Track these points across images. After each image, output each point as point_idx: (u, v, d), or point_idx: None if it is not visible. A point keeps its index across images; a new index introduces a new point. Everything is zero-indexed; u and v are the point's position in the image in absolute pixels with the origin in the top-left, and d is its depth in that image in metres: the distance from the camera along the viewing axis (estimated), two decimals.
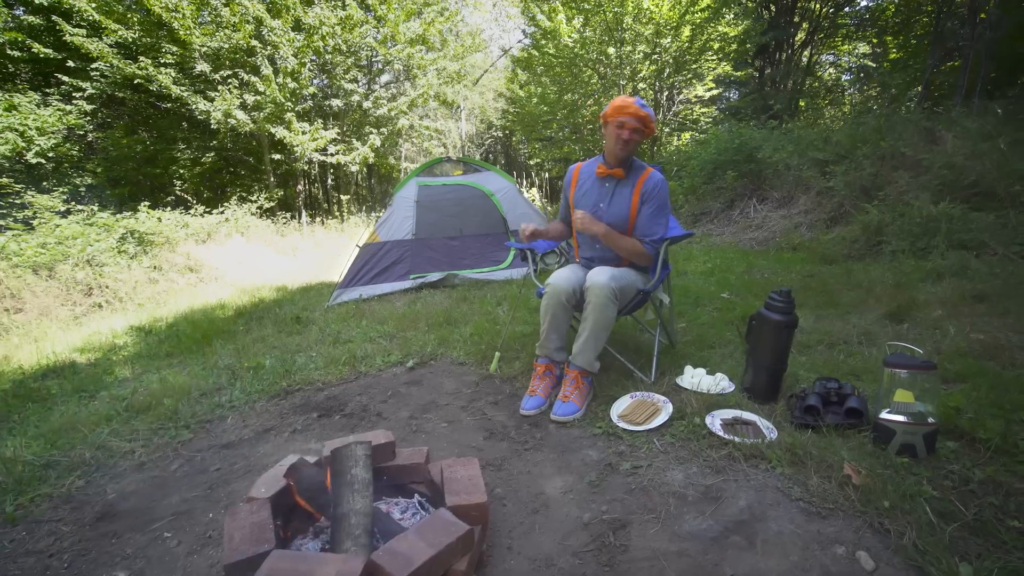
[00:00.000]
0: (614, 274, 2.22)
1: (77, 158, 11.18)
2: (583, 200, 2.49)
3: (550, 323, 2.36)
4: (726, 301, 3.75)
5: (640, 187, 2.39)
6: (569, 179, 2.60)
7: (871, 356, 2.57)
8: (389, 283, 5.22)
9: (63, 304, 5.92)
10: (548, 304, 2.34)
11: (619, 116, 2.29)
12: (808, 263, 4.71)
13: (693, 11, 11.59)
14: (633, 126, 2.27)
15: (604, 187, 2.46)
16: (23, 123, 10.14)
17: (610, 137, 2.34)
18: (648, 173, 2.43)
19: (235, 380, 3.10)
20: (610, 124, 2.33)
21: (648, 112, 2.31)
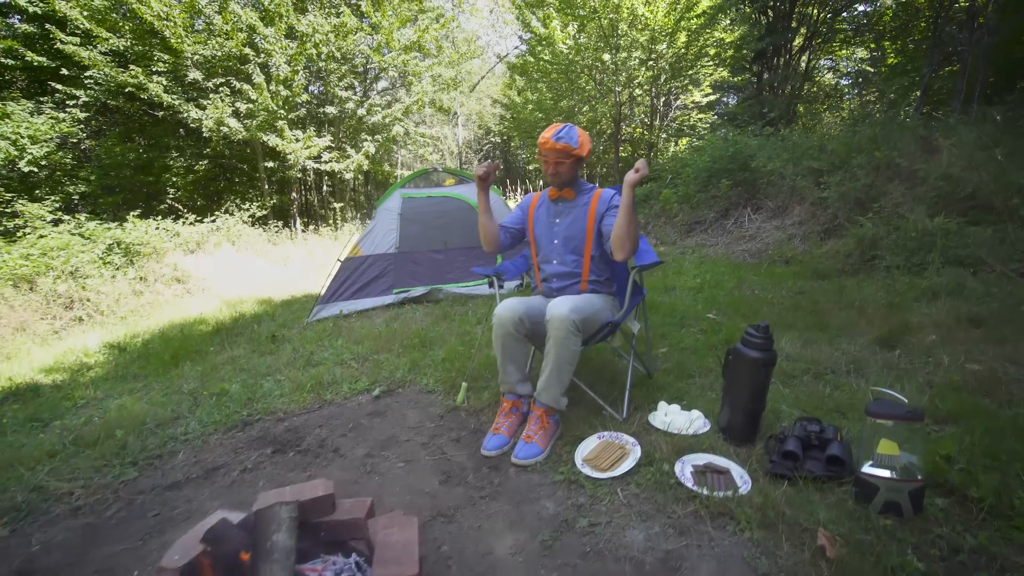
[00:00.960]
0: (575, 304, 2.06)
1: (70, 166, 11.08)
2: (540, 219, 2.49)
3: (503, 355, 2.22)
4: (712, 322, 3.58)
5: (595, 205, 2.34)
6: (527, 202, 2.60)
7: (859, 389, 2.40)
8: (371, 298, 5.07)
9: (42, 318, 5.78)
10: (496, 336, 2.21)
11: (543, 152, 2.32)
12: (800, 278, 4.54)
13: (688, 17, 11.42)
14: (554, 159, 2.29)
15: (557, 207, 2.45)
16: (15, 131, 10.06)
17: (544, 169, 2.37)
18: (599, 192, 2.39)
19: (196, 408, 2.95)
20: (542, 156, 2.36)
21: (567, 142, 2.26)
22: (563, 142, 2.24)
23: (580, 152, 2.29)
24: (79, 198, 11.24)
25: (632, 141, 16.17)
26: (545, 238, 2.44)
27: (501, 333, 2.18)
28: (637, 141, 15.93)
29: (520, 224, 2.55)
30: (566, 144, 2.24)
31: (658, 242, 7.82)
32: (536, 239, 2.49)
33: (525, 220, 2.54)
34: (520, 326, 2.18)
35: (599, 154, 16.64)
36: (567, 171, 2.31)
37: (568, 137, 2.26)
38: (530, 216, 2.53)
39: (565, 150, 2.25)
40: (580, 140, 2.29)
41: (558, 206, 2.43)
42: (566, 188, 2.37)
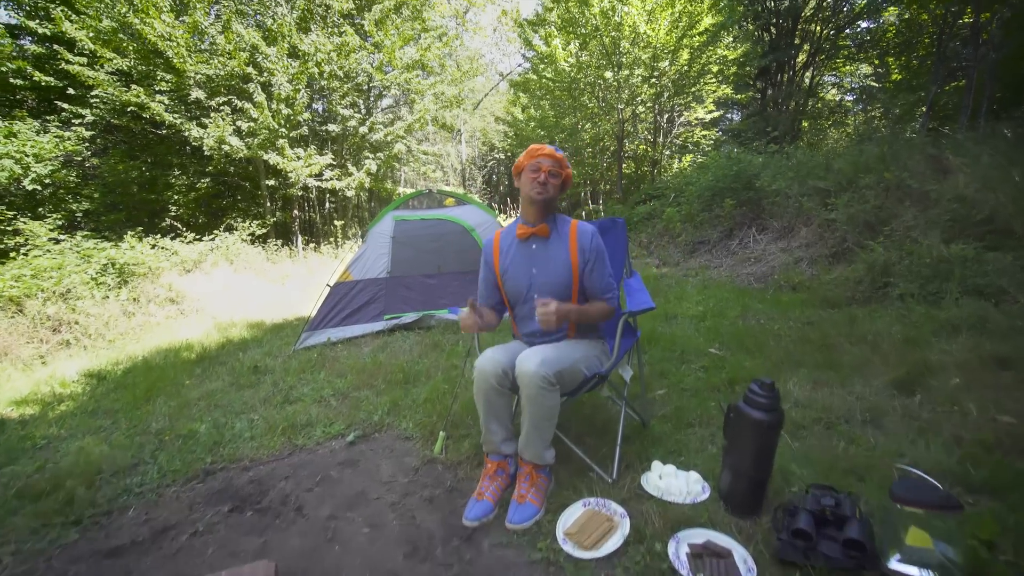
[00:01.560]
0: (546, 357, 1.81)
1: (75, 184, 11.03)
2: (512, 270, 2.11)
3: (487, 412, 1.97)
4: (714, 358, 3.33)
5: (576, 242, 2.05)
6: (490, 252, 2.18)
7: (878, 444, 2.14)
8: (361, 324, 4.85)
9: (28, 342, 5.61)
10: (478, 391, 1.96)
11: (535, 158, 2.04)
12: (808, 307, 4.27)
13: (691, 35, 11.28)
14: (549, 167, 2.01)
15: (531, 249, 2.09)
16: (20, 150, 10.03)
17: (526, 184, 2.04)
18: (576, 226, 2.09)
19: (159, 452, 2.73)
20: (525, 170, 2.05)
21: (563, 155, 2.07)
22: (561, 153, 2.06)
23: (568, 174, 2.09)
24: (83, 215, 11.19)
25: (635, 158, 16.00)
26: (522, 292, 2.09)
27: (483, 388, 1.93)
28: (640, 158, 15.76)
29: (494, 284, 2.19)
30: (564, 157, 2.06)
31: (661, 263, 7.57)
32: (510, 292, 2.13)
33: (493, 272, 2.17)
34: (504, 379, 1.93)
35: (602, 171, 16.48)
36: (555, 191, 2.05)
37: (562, 152, 2.08)
38: (496, 262, 2.15)
39: (562, 162, 2.05)
40: (569, 165, 2.09)
41: (532, 248, 2.08)
42: (541, 224, 2.05)
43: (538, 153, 2.03)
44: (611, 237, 2.38)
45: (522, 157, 2.06)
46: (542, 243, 2.07)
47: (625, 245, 2.41)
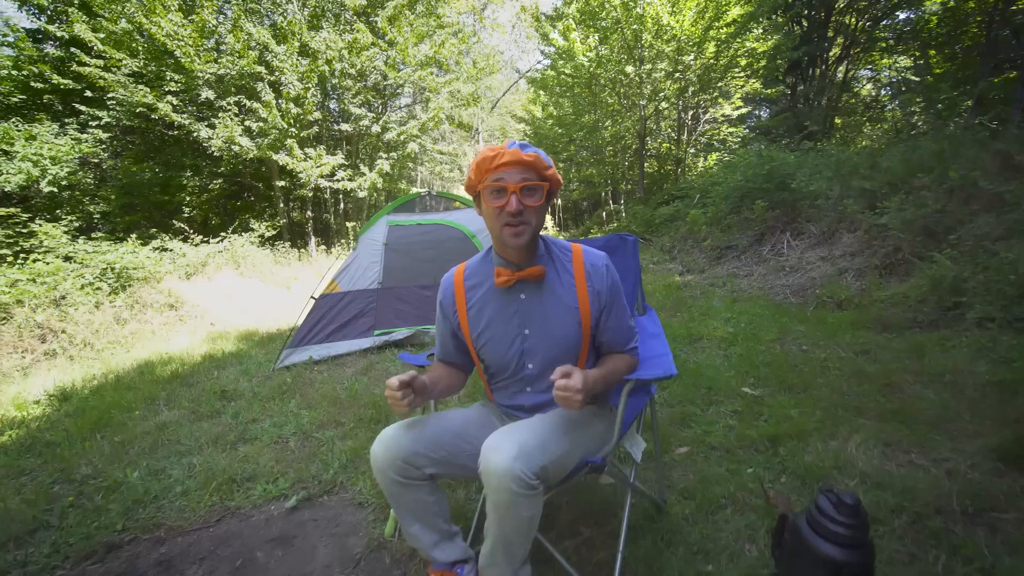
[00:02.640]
0: (525, 445, 1.16)
1: (91, 186, 10.85)
2: (490, 333, 1.42)
3: (402, 512, 1.36)
4: (749, 400, 2.66)
5: (585, 283, 1.38)
6: (449, 298, 1.47)
7: (997, 562, 1.47)
8: (348, 341, 4.32)
9: (13, 351, 5.26)
10: (381, 484, 1.33)
11: (491, 172, 1.27)
12: (860, 330, 3.55)
13: (717, 27, 10.46)
14: (519, 182, 1.25)
15: (519, 301, 1.40)
16: (37, 153, 9.87)
17: (490, 218, 1.31)
18: (583, 258, 1.41)
19: (69, 512, 2.22)
20: (484, 193, 1.31)
21: (536, 152, 1.29)
22: (532, 151, 1.29)
23: (554, 177, 1.32)
24: (100, 217, 11.02)
25: (658, 156, 15.21)
26: (510, 363, 1.43)
27: (382, 481, 1.32)
28: (663, 156, 14.97)
29: (458, 341, 1.52)
30: (537, 156, 1.28)
31: (684, 269, 6.86)
32: (490, 363, 1.46)
33: (458, 329, 1.49)
34: (408, 470, 1.30)
35: (623, 170, 15.70)
36: (536, 215, 1.30)
37: (534, 149, 1.31)
38: (462, 320, 1.45)
39: (535, 165, 1.27)
40: (550, 161, 1.36)
41: (521, 299, 1.39)
42: (532, 260, 1.38)
43: (497, 163, 1.26)
44: (617, 261, 1.74)
45: (472, 172, 1.32)
46: (535, 290, 1.39)
47: (636, 272, 1.77)
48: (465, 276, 1.47)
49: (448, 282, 1.49)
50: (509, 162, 1.26)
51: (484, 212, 1.34)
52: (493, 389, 1.54)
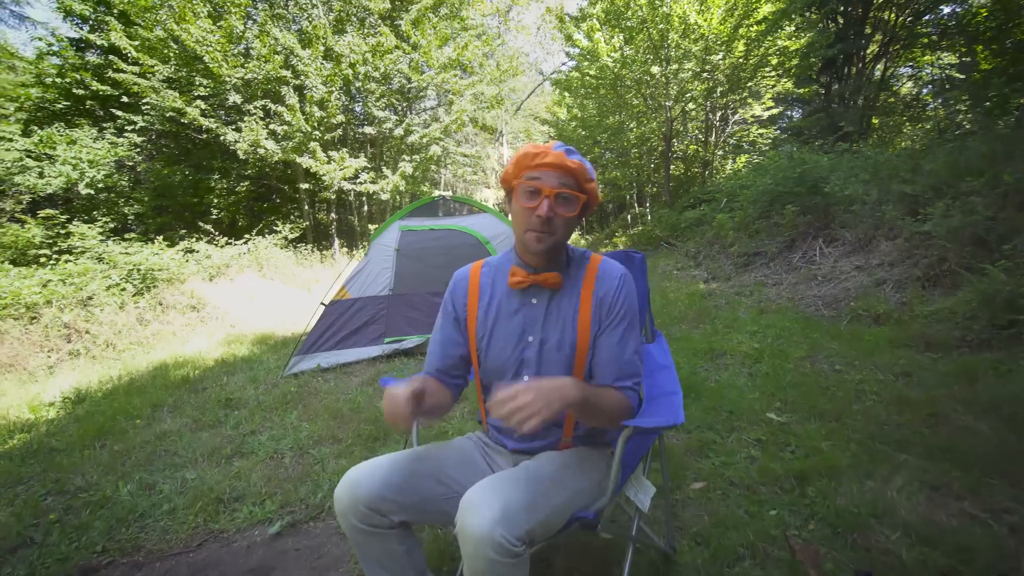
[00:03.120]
0: (510, 503, 0.99)
1: (126, 188, 11.13)
2: (495, 336, 1.27)
3: (368, 563, 1.19)
4: (775, 427, 2.41)
5: (590, 294, 1.24)
6: (462, 291, 1.32)
7: None
8: (357, 348, 4.21)
9: (40, 350, 5.34)
10: (344, 530, 1.17)
11: (530, 169, 1.16)
12: (900, 348, 3.23)
13: (747, 24, 10.04)
14: (556, 187, 1.13)
15: (529, 305, 1.26)
16: (76, 156, 10.17)
17: (518, 217, 1.19)
18: (597, 267, 1.27)
19: (55, 528, 2.13)
20: (517, 190, 1.19)
21: (582, 161, 1.17)
22: (577, 158, 1.17)
23: (593, 191, 1.20)
24: (134, 218, 11.30)
25: (685, 159, 14.79)
26: (507, 371, 1.26)
27: (344, 525, 1.15)
28: (690, 159, 14.54)
29: (460, 347, 1.33)
30: (581, 165, 1.15)
31: (710, 276, 6.55)
32: (488, 370, 1.30)
33: (464, 333, 1.33)
34: (373, 517, 1.13)
35: (649, 173, 15.33)
36: (565, 226, 1.18)
37: (579, 157, 1.19)
38: (470, 320, 1.30)
39: (577, 174, 1.15)
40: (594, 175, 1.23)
41: (533, 304, 1.26)
42: (551, 266, 1.25)
43: (537, 162, 1.15)
44: None
45: (511, 166, 1.20)
46: (547, 298, 1.25)
47: (644, 293, 1.55)
48: (483, 272, 1.34)
49: (463, 276, 1.36)
50: (550, 164, 1.15)
51: (513, 209, 1.23)
52: (488, 407, 1.36)
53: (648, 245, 10.31)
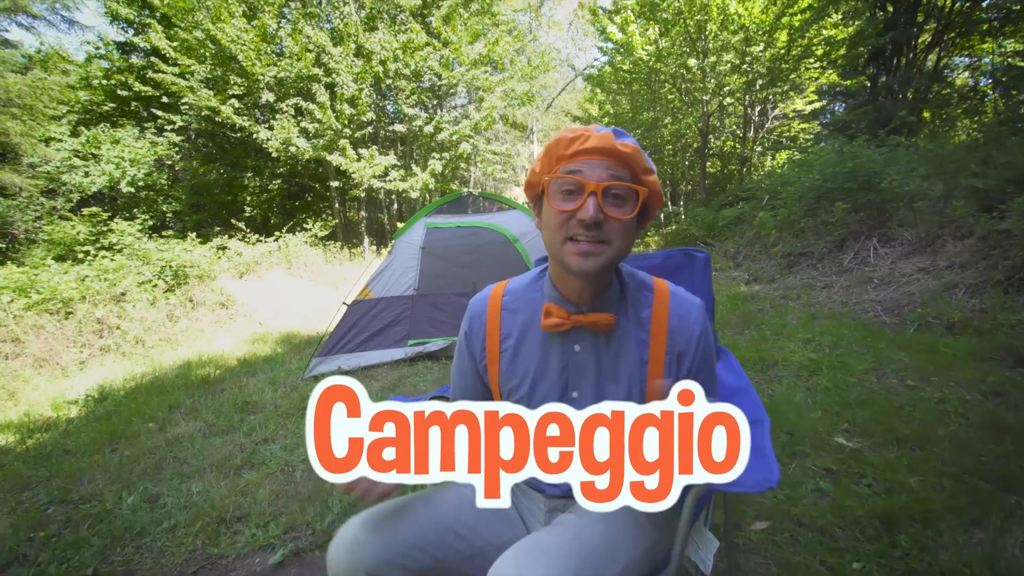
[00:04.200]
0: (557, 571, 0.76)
1: (165, 186, 11.34)
2: (526, 387, 0.97)
3: None
4: (845, 456, 2.06)
5: (662, 347, 0.92)
6: (479, 331, 1.02)
7: None
8: (379, 351, 4.01)
9: (73, 345, 5.35)
10: None
11: (567, 162, 0.85)
12: (984, 362, 2.81)
13: (791, 13, 9.46)
14: (602, 180, 0.82)
15: (570, 353, 0.95)
16: (119, 156, 10.40)
17: (552, 223, 0.86)
18: (667, 304, 0.94)
19: (49, 544, 1.98)
20: (549, 189, 0.87)
21: (636, 145, 0.85)
22: (630, 143, 0.85)
23: (655, 186, 0.88)
24: (172, 216, 11.51)
25: (721, 155, 14.20)
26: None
27: None
28: (727, 155, 13.94)
29: (485, 395, 1.06)
30: (636, 150, 0.85)
31: (751, 278, 6.12)
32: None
33: (484, 374, 1.04)
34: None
35: (684, 170, 14.78)
36: (622, 234, 0.86)
37: (630, 139, 0.87)
38: (493, 367, 1.01)
39: (632, 162, 0.85)
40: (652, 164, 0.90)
41: (574, 352, 0.95)
42: (599, 303, 0.93)
43: (576, 148, 0.84)
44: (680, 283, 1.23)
45: (539, 160, 0.91)
46: (596, 342, 0.94)
47: (708, 299, 1.25)
48: (504, 303, 1.01)
49: (479, 309, 1.03)
50: (594, 149, 0.83)
51: (545, 216, 0.90)
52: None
53: (683, 244, 9.85)
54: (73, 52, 13.42)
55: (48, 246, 9.53)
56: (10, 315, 5.16)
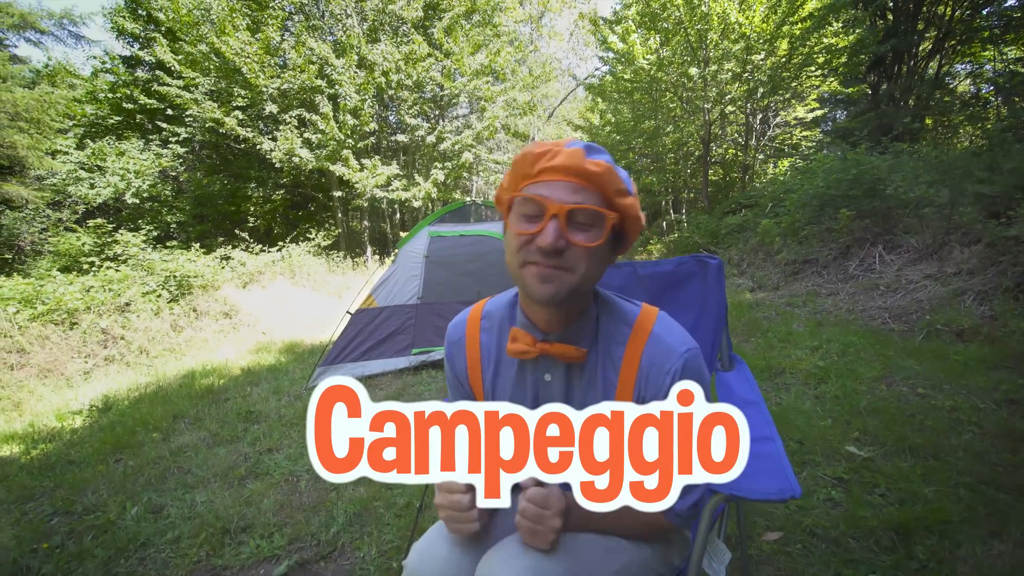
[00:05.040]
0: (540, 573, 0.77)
1: (169, 198, 11.41)
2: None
3: None
4: (857, 465, 2.04)
5: (632, 375, 0.86)
6: (459, 354, 1.00)
7: None
8: (383, 360, 4.00)
9: (78, 355, 5.36)
10: None
11: (531, 183, 0.80)
12: (996, 370, 2.78)
13: (791, 22, 9.52)
14: (565, 203, 0.76)
15: (541, 383, 0.91)
16: (124, 167, 10.49)
17: (512, 245, 0.81)
18: (644, 338, 0.86)
19: (52, 556, 1.96)
20: (512, 208, 0.83)
21: (610, 163, 0.78)
22: (601, 161, 0.77)
23: (630, 209, 0.81)
24: (176, 227, 11.57)
25: (723, 163, 14.21)
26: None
27: None
28: (729, 163, 13.96)
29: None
30: (609, 169, 0.77)
31: (756, 285, 6.10)
32: None
33: (472, 397, 1.02)
34: None
35: (686, 178, 14.80)
36: (587, 261, 0.79)
37: (605, 156, 0.81)
38: (477, 390, 1.00)
39: (603, 182, 0.78)
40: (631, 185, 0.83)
41: (545, 381, 0.91)
42: (567, 334, 0.87)
43: (541, 166, 0.79)
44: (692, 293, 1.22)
45: (507, 174, 0.86)
46: (566, 375, 0.90)
47: (721, 310, 1.23)
48: (482, 327, 0.98)
49: (459, 335, 1.00)
50: (560, 167, 0.77)
51: (506, 238, 0.85)
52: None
53: (686, 253, 9.84)
54: (80, 66, 13.55)
55: (53, 257, 9.59)
56: (15, 326, 5.17)
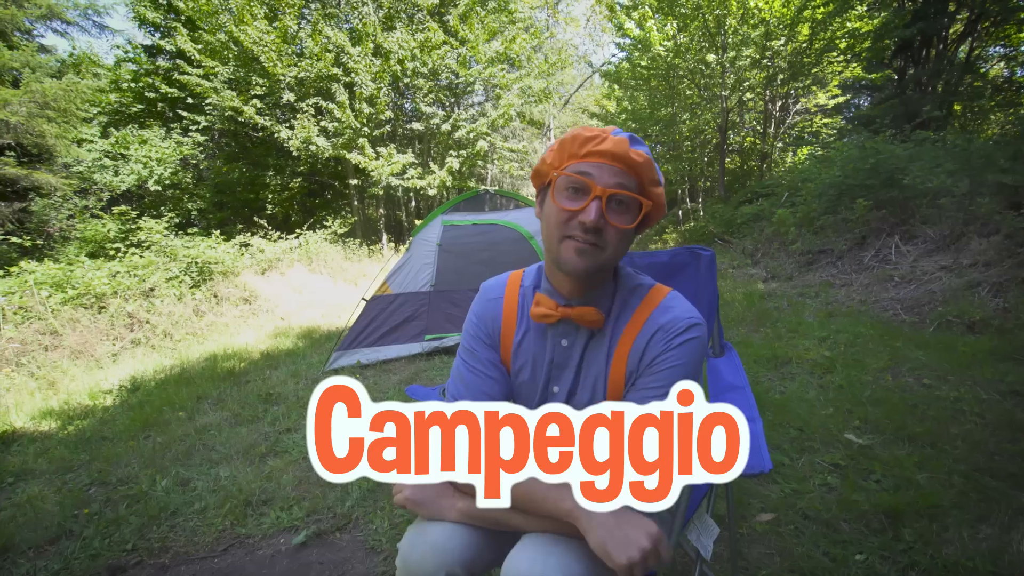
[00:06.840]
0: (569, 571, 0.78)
1: (190, 185, 11.67)
2: (524, 373, 1.00)
3: None
4: (854, 452, 2.09)
5: (629, 344, 0.93)
6: (495, 315, 1.02)
7: None
8: (397, 345, 4.12)
9: (106, 338, 5.59)
10: None
11: (578, 161, 0.87)
12: (1004, 362, 2.78)
13: (813, 6, 9.30)
14: (608, 186, 0.85)
15: (558, 347, 0.98)
16: (147, 155, 10.75)
17: (553, 219, 0.89)
18: (659, 301, 0.94)
19: (92, 521, 2.12)
20: (556, 184, 0.89)
21: (650, 156, 0.87)
22: (644, 153, 0.87)
23: (659, 199, 0.91)
24: (196, 214, 11.85)
25: (741, 151, 14.02)
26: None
27: None
28: (747, 151, 13.77)
29: (501, 378, 1.01)
30: (648, 161, 0.87)
31: (769, 275, 6.08)
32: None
33: (501, 369, 1.02)
34: None
35: (702, 166, 14.64)
36: (618, 241, 0.89)
37: (644, 148, 0.89)
38: (507, 353, 1.02)
39: (642, 172, 0.87)
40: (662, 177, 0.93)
41: (561, 346, 0.97)
42: (588, 298, 0.94)
43: (590, 148, 0.86)
44: (686, 283, 1.29)
45: (551, 152, 0.92)
46: (581, 340, 0.96)
47: (712, 298, 1.30)
48: (520, 291, 1.03)
49: (496, 294, 1.04)
50: (607, 153, 0.85)
51: (546, 211, 0.92)
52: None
53: (701, 242, 9.80)
54: (103, 56, 13.83)
55: (80, 243, 9.91)
56: (48, 309, 5.41)
